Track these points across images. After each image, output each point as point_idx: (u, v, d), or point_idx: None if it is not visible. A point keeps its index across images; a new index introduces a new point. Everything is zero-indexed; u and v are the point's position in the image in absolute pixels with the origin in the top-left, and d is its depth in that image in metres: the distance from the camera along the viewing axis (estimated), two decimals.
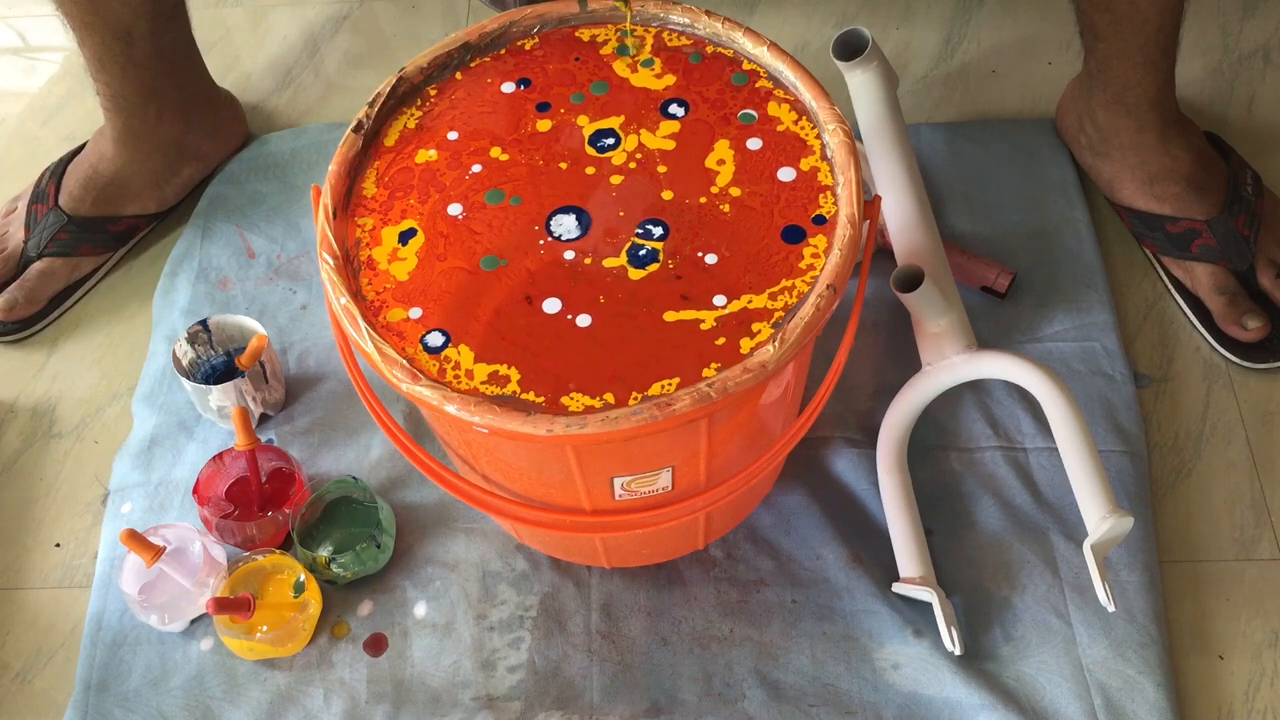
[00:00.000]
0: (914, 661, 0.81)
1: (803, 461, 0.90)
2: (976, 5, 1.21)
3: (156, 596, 0.83)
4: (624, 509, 0.72)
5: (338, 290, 0.67)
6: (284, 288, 1.02)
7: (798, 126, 0.72)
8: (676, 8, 0.77)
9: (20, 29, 1.30)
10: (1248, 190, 0.98)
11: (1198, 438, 0.92)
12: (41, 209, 1.03)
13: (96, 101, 1.03)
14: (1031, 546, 0.85)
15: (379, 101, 0.74)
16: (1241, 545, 0.87)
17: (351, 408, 0.95)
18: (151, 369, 0.99)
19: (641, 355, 0.64)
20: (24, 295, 1.01)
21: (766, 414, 0.73)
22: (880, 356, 0.95)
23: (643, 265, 0.67)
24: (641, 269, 0.67)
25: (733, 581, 0.85)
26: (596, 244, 0.68)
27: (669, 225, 0.69)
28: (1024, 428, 0.91)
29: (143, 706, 0.82)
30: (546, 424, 0.62)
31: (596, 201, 0.70)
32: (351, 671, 0.83)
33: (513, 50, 0.78)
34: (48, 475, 0.95)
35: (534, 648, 0.83)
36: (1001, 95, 1.14)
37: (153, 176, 1.05)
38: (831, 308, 0.65)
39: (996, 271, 0.97)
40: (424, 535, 0.88)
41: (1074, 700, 0.79)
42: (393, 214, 0.70)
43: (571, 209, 0.70)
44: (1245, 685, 0.82)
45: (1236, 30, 1.17)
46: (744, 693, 0.81)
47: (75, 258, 1.03)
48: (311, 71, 1.21)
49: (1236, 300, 0.95)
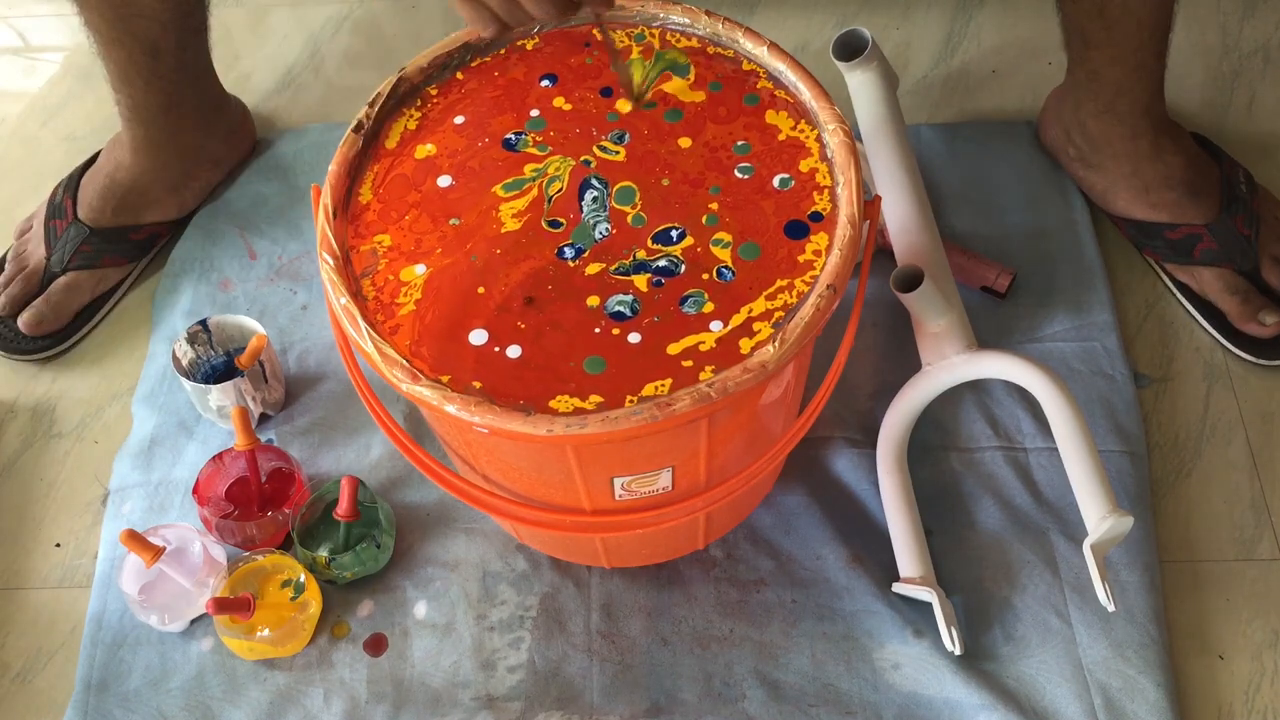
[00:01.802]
0: (914, 661, 0.81)
1: (803, 461, 0.90)
2: (976, 5, 1.21)
3: (156, 596, 0.83)
4: (624, 509, 0.72)
5: (338, 290, 0.67)
6: (285, 288, 1.02)
7: (796, 130, 0.72)
8: (676, 8, 0.77)
9: (20, 29, 1.30)
10: (1242, 189, 0.98)
11: (1198, 438, 0.92)
12: (60, 224, 1.02)
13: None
14: (1031, 546, 0.85)
15: (379, 101, 0.74)
16: (1241, 545, 0.87)
17: (351, 408, 0.95)
18: (151, 369, 0.99)
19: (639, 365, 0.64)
20: (50, 310, 1.00)
21: (766, 414, 0.73)
22: (880, 356, 0.95)
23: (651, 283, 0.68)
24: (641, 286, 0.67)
25: (733, 581, 0.85)
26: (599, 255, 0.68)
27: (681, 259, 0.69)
28: (1024, 428, 0.91)
29: (143, 706, 0.82)
30: (546, 424, 0.62)
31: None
32: (351, 671, 0.83)
33: (513, 50, 0.78)
34: (48, 475, 0.95)
35: (534, 648, 0.83)
36: (1001, 95, 1.14)
37: (171, 183, 1.04)
38: (831, 308, 0.65)
39: (996, 271, 0.97)
40: (424, 535, 0.88)
41: (1074, 700, 0.79)
42: (404, 245, 0.70)
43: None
44: (1245, 685, 0.82)
45: (1236, 30, 1.17)
46: (744, 693, 0.81)
47: (100, 269, 1.02)
48: (311, 71, 1.21)
49: (1250, 298, 0.94)
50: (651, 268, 0.67)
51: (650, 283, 0.67)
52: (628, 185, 0.70)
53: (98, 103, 1.17)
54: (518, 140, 0.73)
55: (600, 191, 0.70)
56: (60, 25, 1.29)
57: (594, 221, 0.69)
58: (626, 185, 0.70)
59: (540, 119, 0.74)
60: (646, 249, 0.68)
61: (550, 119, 0.74)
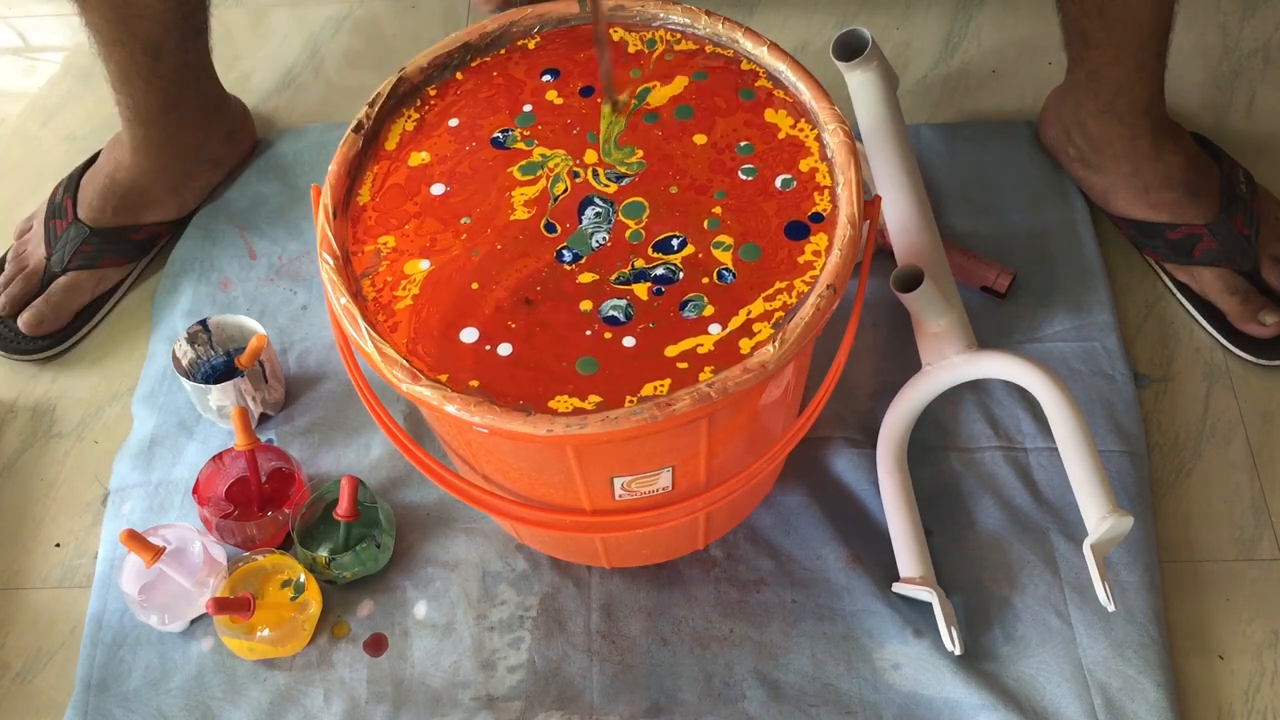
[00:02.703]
0: (914, 661, 0.81)
1: (803, 461, 0.90)
2: (976, 5, 1.21)
3: (156, 596, 0.83)
4: (624, 509, 0.72)
5: (338, 290, 0.67)
6: (285, 288, 1.02)
7: (796, 129, 0.72)
8: (676, 8, 0.77)
9: (20, 29, 1.30)
10: (1242, 188, 0.98)
11: (1198, 438, 0.92)
12: (60, 224, 1.02)
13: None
14: (1031, 546, 0.85)
15: (379, 102, 0.74)
16: (1241, 545, 0.87)
17: (351, 408, 0.95)
18: (151, 369, 0.99)
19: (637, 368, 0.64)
20: (50, 310, 1.00)
21: (766, 414, 0.73)
22: (880, 356, 0.95)
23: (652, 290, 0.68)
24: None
25: (733, 581, 0.85)
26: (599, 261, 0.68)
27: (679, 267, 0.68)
28: (1024, 428, 0.91)
29: (143, 706, 0.82)
30: (546, 424, 0.62)
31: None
32: (351, 671, 0.83)
33: (513, 50, 0.78)
34: (48, 475, 0.95)
35: (534, 648, 0.83)
36: (1001, 95, 1.14)
37: (171, 183, 1.04)
38: (831, 308, 0.65)
39: (996, 271, 0.97)
40: (424, 535, 0.88)
41: (1074, 700, 0.79)
42: (408, 245, 0.70)
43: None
44: (1245, 685, 0.82)
45: (1236, 30, 1.17)
46: (744, 693, 0.81)
47: (100, 269, 1.02)
48: (311, 71, 1.21)
49: (1250, 298, 0.94)
50: (651, 276, 0.67)
51: (651, 291, 0.66)
52: (638, 201, 0.70)
53: (98, 103, 1.17)
54: (505, 138, 0.73)
55: (605, 208, 0.70)
56: (60, 25, 1.29)
57: (592, 230, 0.69)
58: (637, 201, 0.70)
59: (530, 114, 0.74)
60: (646, 258, 0.68)
61: (543, 114, 0.74)
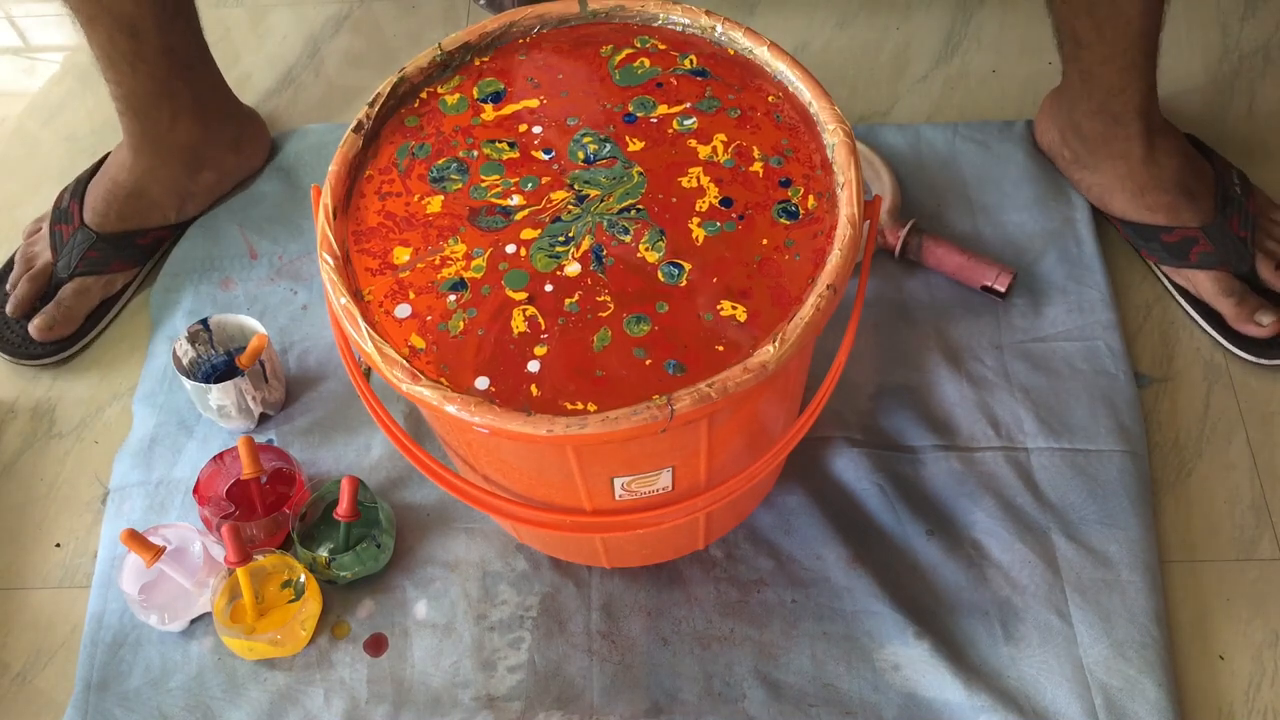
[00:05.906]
0: (914, 662, 0.81)
1: (803, 461, 0.90)
2: (976, 5, 1.21)
3: (156, 596, 0.83)
4: (624, 509, 0.72)
5: (338, 290, 0.67)
6: (285, 288, 1.02)
7: (796, 129, 0.72)
8: (677, 8, 0.77)
9: (20, 29, 1.30)
10: (1236, 190, 0.98)
11: (1198, 438, 0.92)
12: (66, 229, 1.02)
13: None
14: (1031, 546, 0.85)
15: (379, 102, 0.74)
16: (1241, 545, 0.87)
17: (351, 408, 0.95)
18: (152, 369, 0.99)
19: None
20: (61, 315, 1.00)
21: (766, 414, 0.73)
22: (880, 356, 0.95)
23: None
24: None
25: (733, 581, 0.85)
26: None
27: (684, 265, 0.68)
28: (1025, 428, 0.91)
29: (143, 706, 0.82)
30: (546, 424, 0.62)
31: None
32: (352, 671, 0.83)
33: (514, 49, 0.77)
34: (48, 475, 0.95)
35: (534, 648, 0.83)
36: (1001, 95, 1.14)
37: (171, 184, 1.04)
38: (832, 308, 0.65)
39: (996, 271, 0.97)
40: (424, 535, 0.88)
41: (1074, 700, 0.79)
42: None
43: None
44: (1245, 685, 0.82)
45: (1236, 30, 1.17)
46: (744, 693, 0.81)
47: (108, 274, 1.02)
48: (311, 71, 1.21)
49: (1245, 300, 0.94)
50: (653, 281, 0.67)
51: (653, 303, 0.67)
52: (636, 205, 0.70)
53: (98, 103, 1.17)
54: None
55: (611, 222, 0.70)
56: (60, 25, 1.29)
57: (600, 248, 0.69)
58: (636, 210, 0.70)
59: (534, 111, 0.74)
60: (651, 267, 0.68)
61: (543, 111, 0.74)
